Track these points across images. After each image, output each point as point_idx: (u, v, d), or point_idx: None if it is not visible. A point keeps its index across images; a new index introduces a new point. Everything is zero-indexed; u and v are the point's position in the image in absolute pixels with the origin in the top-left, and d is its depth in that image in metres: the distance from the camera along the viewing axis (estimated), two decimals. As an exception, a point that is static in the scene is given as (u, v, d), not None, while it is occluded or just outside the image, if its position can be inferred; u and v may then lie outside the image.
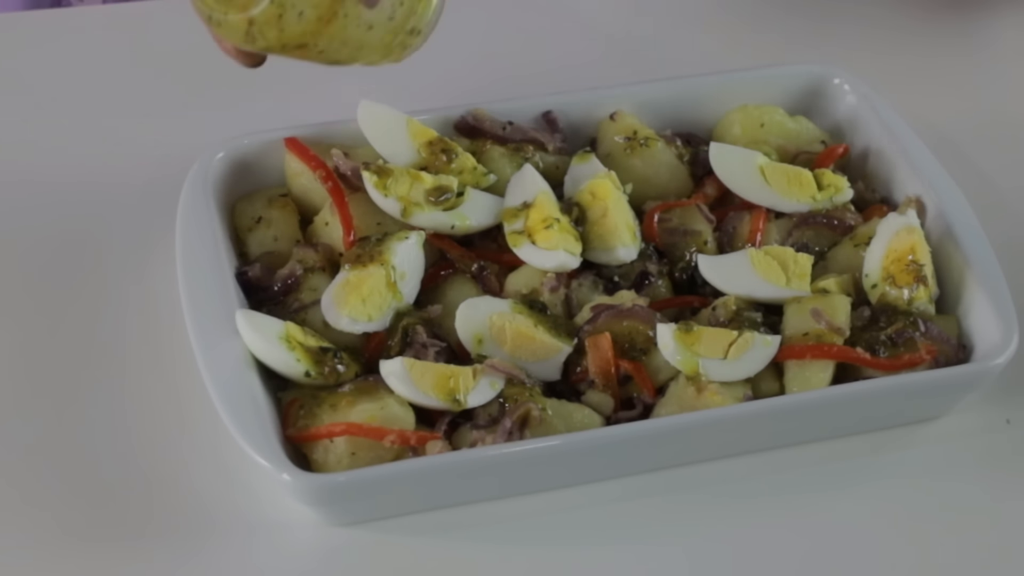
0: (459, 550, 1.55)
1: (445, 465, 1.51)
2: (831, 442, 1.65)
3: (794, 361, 1.62)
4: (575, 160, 1.79)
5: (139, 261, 1.81)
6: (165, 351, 1.70)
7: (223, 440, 1.53)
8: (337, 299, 1.62)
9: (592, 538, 1.57)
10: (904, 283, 1.67)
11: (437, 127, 1.80)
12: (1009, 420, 1.69)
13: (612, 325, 1.63)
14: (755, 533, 1.58)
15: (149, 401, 1.66)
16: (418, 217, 1.70)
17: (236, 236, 1.77)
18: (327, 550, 1.55)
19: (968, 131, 2.06)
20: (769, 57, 2.10)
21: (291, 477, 1.47)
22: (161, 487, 1.58)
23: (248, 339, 1.58)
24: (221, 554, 1.54)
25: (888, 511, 1.60)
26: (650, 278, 1.71)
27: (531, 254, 1.68)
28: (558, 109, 1.86)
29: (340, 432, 1.53)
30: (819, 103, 1.94)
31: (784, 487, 1.62)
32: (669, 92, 1.91)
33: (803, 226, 1.77)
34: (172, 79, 2.10)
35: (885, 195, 1.84)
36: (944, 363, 1.63)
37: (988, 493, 1.62)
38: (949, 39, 2.24)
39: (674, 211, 1.78)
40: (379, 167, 1.71)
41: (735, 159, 1.80)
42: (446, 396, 1.56)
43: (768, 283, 1.68)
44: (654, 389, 1.62)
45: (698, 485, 1.61)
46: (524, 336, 1.62)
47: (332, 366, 1.59)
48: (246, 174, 1.80)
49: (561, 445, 1.53)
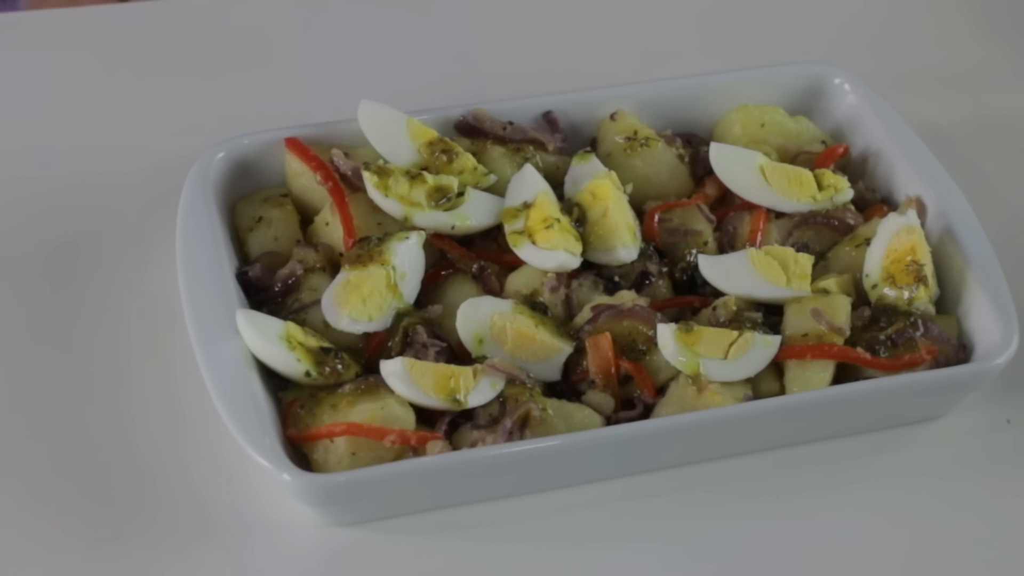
0: (459, 550, 1.55)
1: (445, 465, 1.51)
2: (831, 442, 1.65)
3: (794, 361, 1.62)
4: (575, 160, 1.79)
5: (139, 261, 1.81)
6: (165, 351, 1.71)
7: (223, 440, 1.53)
8: (337, 299, 1.62)
9: (592, 538, 1.57)
10: (904, 283, 1.67)
11: (437, 127, 1.80)
12: (1009, 420, 1.69)
13: (612, 325, 1.63)
14: (755, 533, 1.58)
15: (149, 401, 1.67)
16: (418, 217, 1.70)
17: (236, 236, 1.77)
18: (327, 550, 1.55)
19: (968, 131, 2.06)
20: (769, 57, 2.10)
21: (291, 477, 1.47)
22: (161, 487, 1.58)
23: (248, 339, 1.58)
24: (221, 554, 1.54)
25: (888, 511, 1.60)
26: (650, 278, 1.71)
27: (531, 254, 1.68)
28: (558, 109, 1.86)
29: (340, 432, 1.53)
30: (819, 103, 1.94)
31: (784, 487, 1.62)
32: (669, 92, 1.91)
33: (803, 226, 1.77)
34: (172, 79, 2.10)
35: (885, 195, 1.85)
36: (944, 363, 1.63)
37: (988, 493, 1.63)
38: (949, 39, 2.25)
39: (674, 211, 1.78)
40: (379, 167, 1.71)
41: (735, 159, 1.80)
42: (446, 396, 1.56)
43: (768, 283, 1.68)
44: (654, 389, 1.62)
45: (698, 485, 1.61)
46: (525, 336, 1.62)
47: (332, 366, 1.59)
48: (246, 174, 1.80)
49: (561, 445, 1.53)
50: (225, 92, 2.08)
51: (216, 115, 2.02)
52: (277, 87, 2.10)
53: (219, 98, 2.07)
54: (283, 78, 2.13)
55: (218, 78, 2.11)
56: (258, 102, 2.06)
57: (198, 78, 2.10)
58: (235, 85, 2.10)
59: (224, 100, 2.06)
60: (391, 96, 1.80)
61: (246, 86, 2.10)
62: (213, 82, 2.10)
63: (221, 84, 2.10)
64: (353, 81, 2.10)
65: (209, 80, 2.10)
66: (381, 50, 2.16)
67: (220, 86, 2.09)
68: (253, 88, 2.09)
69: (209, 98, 2.07)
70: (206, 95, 2.07)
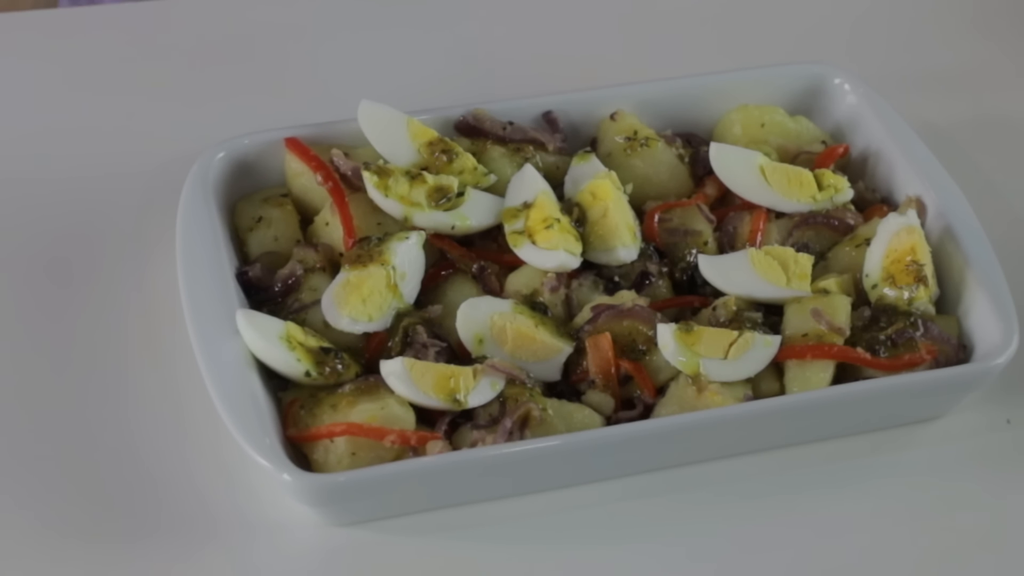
0: (459, 550, 1.55)
1: (445, 465, 1.51)
2: (831, 442, 1.65)
3: (794, 361, 1.62)
4: (575, 160, 1.79)
5: (139, 261, 1.81)
6: (165, 351, 1.71)
7: (223, 440, 1.53)
8: (337, 299, 1.62)
9: (592, 538, 1.57)
10: (904, 283, 1.67)
11: (437, 127, 1.80)
12: (1009, 420, 1.69)
13: (612, 325, 1.63)
14: (755, 533, 1.58)
15: (150, 401, 1.66)
16: (418, 217, 1.70)
17: (236, 236, 1.77)
18: (327, 550, 1.55)
19: (968, 131, 2.06)
20: (769, 57, 2.10)
21: (291, 477, 1.47)
22: (161, 487, 1.58)
23: (248, 339, 1.58)
24: (221, 554, 1.54)
25: (888, 511, 1.60)
26: (650, 278, 1.71)
27: (531, 254, 1.68)
28: (558, 109, 1.86)
29: (340, 432, 1.53)
30: (819, 103, 1.94)
31: (784, 487, 1.62)
32: (669, 92, 1.91)
33: (803, 226, 1.77)
34: (173, 79, 2.10)
35: (885, 195, 1.85)
36: (944, 363, 1.63)
37: (988, 492, 1.63)
38: (949, 39, 2.25)
39: (674, 211, 1.78)
40: (379, 167, 1.71)
41: (735, 159, 1.80)
42: (446, 396, 1.56)
43: (768, 283, 1.68)
44: (654, 389, 1.62)
45: (699, 485, 1.61)
46: (525, 336, 1.62)
47: (332, 366, 1.59)
48: (246, 174, 1.80)
49: (561, 445, 1.53)
50: (225, 92, 2.08)
51: (216, 115, 2.02)
52: (277, 87, 2.10)
53: (219, 98, 2.07)
54: (283, 78, 2.13)
55: (218, 78, 2.11)
56: (258, 102, 2.06)
57: (198, 78, 2.10)
58: (235, 85, 2.10)
59: (224, 100, 2.06)
60: (391, 96, 1.80)
61: (246, 86, 2.10)
62: (213, 82, 2.10)
63: (221, 84, 2.10)
64: (353, 81, 2.10)
65: (209, 80, 2.10)
66: (381, 50, 2.16)
67: (220, 86, 2.09)
68: (253, 88, 2.09)
69: (209, 98, 2.07)
70: (206, 95, 2.07)
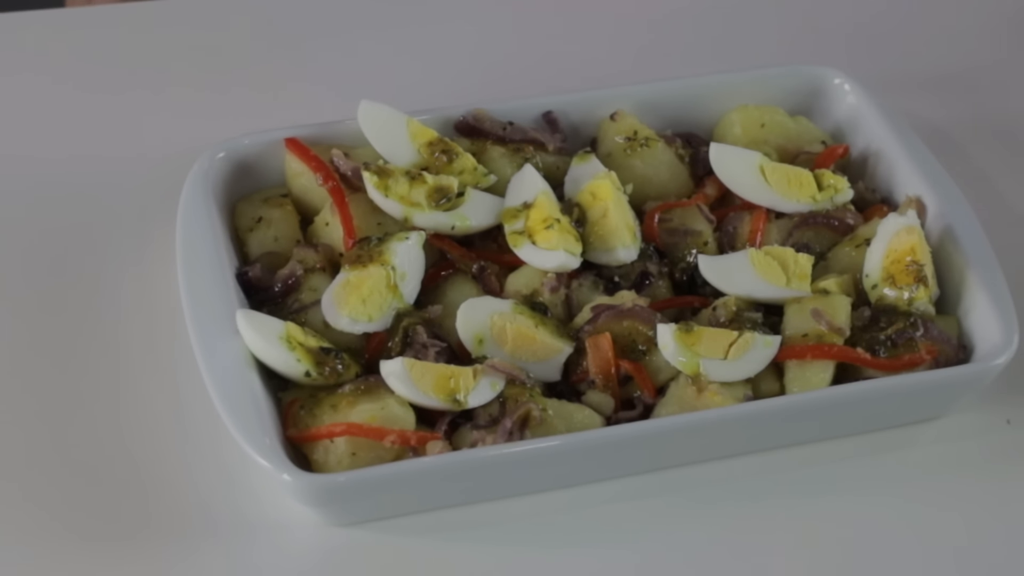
0: (459, 550, 1.55)
1: (445, 465, 1.51)
2: (831, 442, 1.65)
3: (794, 361, 1.62)
4: (575, 160, 1.79)
5: (139, 261, 1.81)
6: (165, 351, 1.71)
7: (223, 440, 1.53)
8: (337, 299, 1.62)
9: (593, 538, 1.57)
10: (904, 283, 1.67)
11: (437, 127, 1.80)
12: (1009, 420, 1.69)
13: (612, 325, 1.63)
14: (755, 533, 1.58)
15: (149, 401, 1.66)
16: (418, 217, 1.70)
17: (236, 236, 1.77)
18: (327, 550, 1.55)
19: (968, 131, 2.06)
20: (769, 57, 2.10)
21: (291, 477, 1.47)
22: (161, 487, 1.58)
23: (248, 339, 1.58)
24: (221, 554, 1.54)
25: (888, 511, 1.60)
26: (650, 278, 1.71)
27: (531, 254, 1.68)
28: (558, 109, 1.86)
29: (340, 432, 1.53)
30: (819, 103, 1.94)
31: (784, 487, 1.62)
32: (669, 92, 1.91)
33: (803, 226, 1.77)
34: (172, 79, 2.10)
35: (885, 195, 1.84)
36: (944, 363, 1.63)
37: (988, 493, 1.62)
38: (949, 39, 2.24)
39: (674, 211, 1.78)
40: (379, 167, 1.71)
41: (735, 159, 1.80)
42: (446, 396, 1.56)
43: (768, 283, 1.68)
44: (654, 389, 1.62)
45: (698, 485, 1.61)
46: (525, 336, 1.62)
47: (332, 366, 1.59)
48: (246, 174, 1.80)
49: (561, 445, 1.53)
50: (225, 92, 2.08)
51: (216, 115, 2.02)
52: (278, 87, 2.10)
53: (219, 98, 2.06)
54: (283, 78, 2.12)
55: (219, 78, 2.11)
56: (258, 102, 2.06)
57: (198, 78, 2.10)
58: (236, 85, 2.10)
59: (224, 100, 2.06)
60: (391, 96, 1.80)
61: (247, 86, 2.10)
62: (213, 82, 2.10)
63: (221, 84, 2.10)
64: (353, 81, 2.10)
65: (209, 80, 2.10)
66: (381, 50, 2.16)
67: (220, 86, 2.09)
68: (253, 88, 2.09)
69: (209, 98, 2.07)
70: (206, 95, 2.07)
